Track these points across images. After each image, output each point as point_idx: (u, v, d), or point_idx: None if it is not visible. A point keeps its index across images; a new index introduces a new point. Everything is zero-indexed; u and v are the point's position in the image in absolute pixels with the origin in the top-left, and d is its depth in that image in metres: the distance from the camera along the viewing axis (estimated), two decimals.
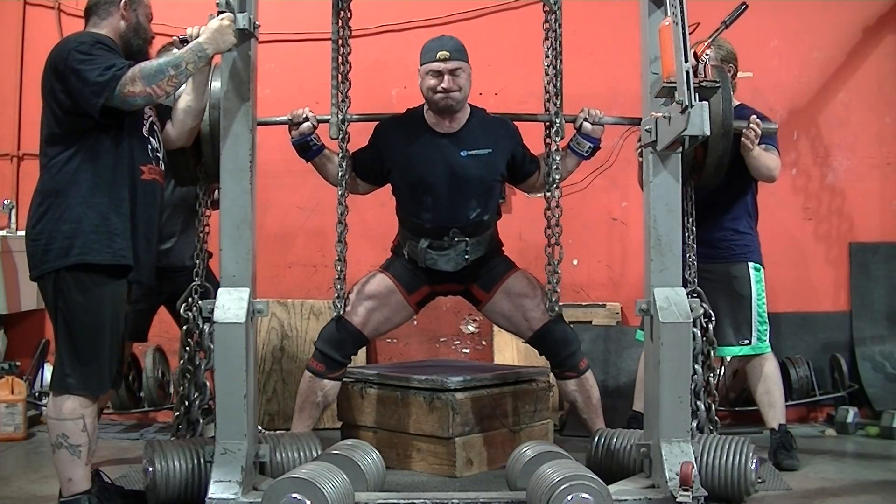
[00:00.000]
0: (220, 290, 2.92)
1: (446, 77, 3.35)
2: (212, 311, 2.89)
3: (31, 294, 4.64)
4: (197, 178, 3.29)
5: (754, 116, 3.49)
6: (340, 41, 3.35)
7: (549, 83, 3.40)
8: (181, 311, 3.20)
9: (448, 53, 3.36)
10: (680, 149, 2.90)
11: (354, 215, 3.50)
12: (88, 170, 2.77)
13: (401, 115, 3.56)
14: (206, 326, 3.07)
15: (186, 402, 3.21)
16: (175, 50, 3.00)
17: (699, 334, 3.23)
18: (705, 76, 3.01)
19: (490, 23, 4.86)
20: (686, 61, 2.49)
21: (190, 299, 3.19)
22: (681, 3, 2.52)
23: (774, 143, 3.64)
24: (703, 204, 3.47)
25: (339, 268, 3.42)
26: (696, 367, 3.20)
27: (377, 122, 3.57)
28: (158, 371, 4.35)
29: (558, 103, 3.35)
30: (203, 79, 2.98)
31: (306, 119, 3.36)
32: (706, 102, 2.53)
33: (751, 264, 3.69)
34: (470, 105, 3.50)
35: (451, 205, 3.43)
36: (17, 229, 4.74)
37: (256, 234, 3.01)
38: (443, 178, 3.42)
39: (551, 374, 3.82)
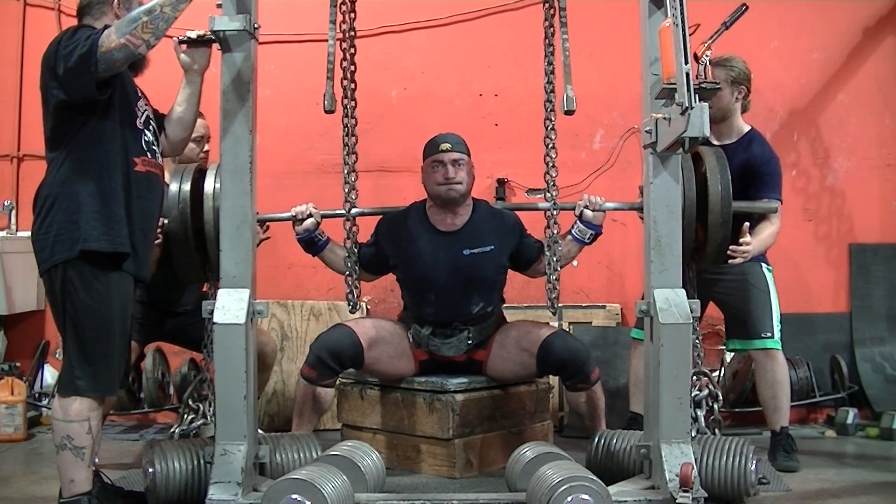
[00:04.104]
0: (220, 290, 2.93)
1: (449, 167, 3.43)
2: (212, 312, 2.90)
3: (31, 295, 4.64)
4: (206, 277, 3.33)
5: (745, 240, 3.36)
6: (338, 10, 3.37)
7: (549, 65, 3.41)
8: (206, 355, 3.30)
9: (450, 145, 3.47)
10: (680, 150, 2.89)
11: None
12: (87, 163, 2.77)
13: (403, 212, 3.62)
14: None
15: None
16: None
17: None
18: (705, 77, 3.01)
19: (490, 23, 4.86)
20: (686, 63, 2.49)
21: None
22: (681, 4, 2.52)
23: (776, 188, 3.61)
24: None
25: (349, 264, 3.49)
26: (696, 340, 3.22)
27: (378, 221, 3.65)
28: (158, 372, 4.35)
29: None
30: (195, 90, 3.00)
31: (310, 215, 3.43)
32: (706, 104, 2.53)
33: (763, 265, 3.69)
34: (473, 199, 3.57)
35: (454, 301, 3.50)
36: (17, 230, 4.74)
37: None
38: (446, 277, 3.47)
39: (551, 377, 3.82)
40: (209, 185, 3.18)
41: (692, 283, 3.37)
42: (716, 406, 3.30)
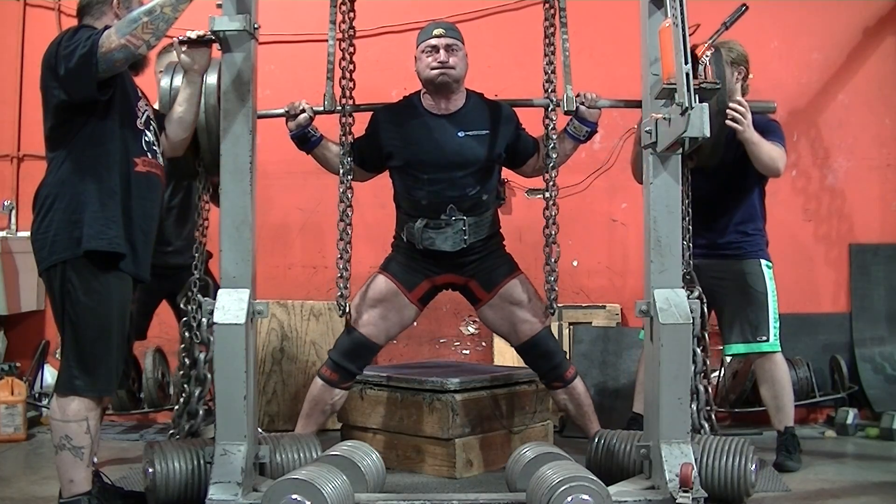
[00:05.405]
0: (220, 291, 2.93)
1: (442, 52, 3.38)
2: (212, 312, 2.90)
3: (31, 295, 4.64)
4: (196, 172, 3.28)
5: (739, 97, 3.42)
6: (338, 10, 3.36)
7: (549, 65, 3.39)
8: (181, 304, 3.24)
9: (443, 31, 3.42)
10: (680, 150, 2.90)
11: (355, 216, 3.49)
12: (87, 163, 2.77)
13: (399, 101, 3.57)
14: (205, 319, 3.09)
15: (185, 395, 3.22)
16: (174, 52, 3.01)
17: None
18: (705, 77, 3.01)
19: (490, 23, 4.86)
20: (686, 63, 2.49)
21: (189, 293, 3.23)
22: (681, 4, 2.52)
23: (780, 140, 3.61)
24: (710, 210, 3.46)
25: (340, 265, 3.40)
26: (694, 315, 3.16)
27: (373, 112, 3.56)
28: (158, 372, 4.35)
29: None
30: (195, 90, 2.99)
31: (303, 110, 3.36)
32: (706, 104, 2.53)
33: (762, 261, 3.68)
34: (467, 89, 3.52)
35: (448, 183, 3.41)
36: (17, 230, 4.75)
37: (256, 235, 3.01)
38: (440, 158, 3.41)
39: None
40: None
41: (687, 179, 3.31)
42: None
